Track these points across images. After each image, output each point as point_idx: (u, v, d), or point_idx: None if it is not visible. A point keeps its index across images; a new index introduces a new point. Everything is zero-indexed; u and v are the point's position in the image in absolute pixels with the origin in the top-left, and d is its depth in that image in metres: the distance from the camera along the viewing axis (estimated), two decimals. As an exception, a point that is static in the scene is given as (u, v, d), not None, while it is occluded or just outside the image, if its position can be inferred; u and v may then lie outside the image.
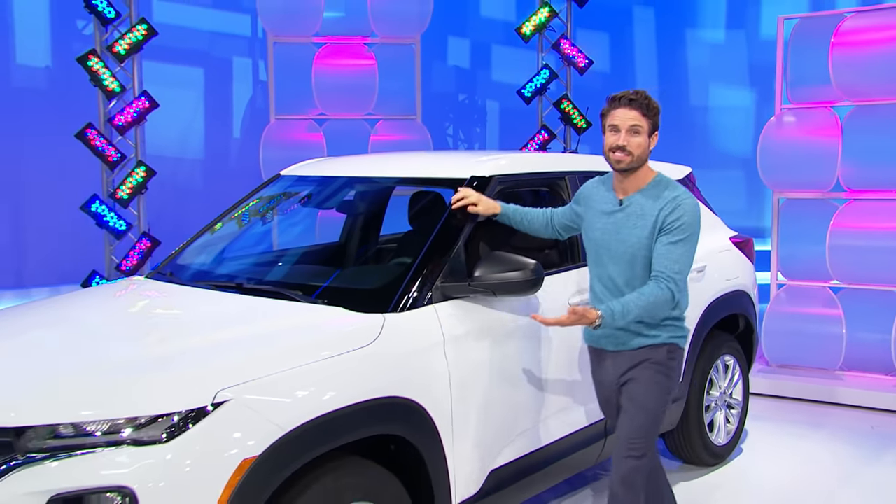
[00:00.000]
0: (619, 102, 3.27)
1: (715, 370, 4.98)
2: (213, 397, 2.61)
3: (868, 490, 4.77)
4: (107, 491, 2.48)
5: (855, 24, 6.20)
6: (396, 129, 8.11)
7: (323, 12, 7.81)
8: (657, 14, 12.74)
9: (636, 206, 3.31)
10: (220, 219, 4.42)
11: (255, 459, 2.62)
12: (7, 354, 3.08)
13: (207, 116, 10.53)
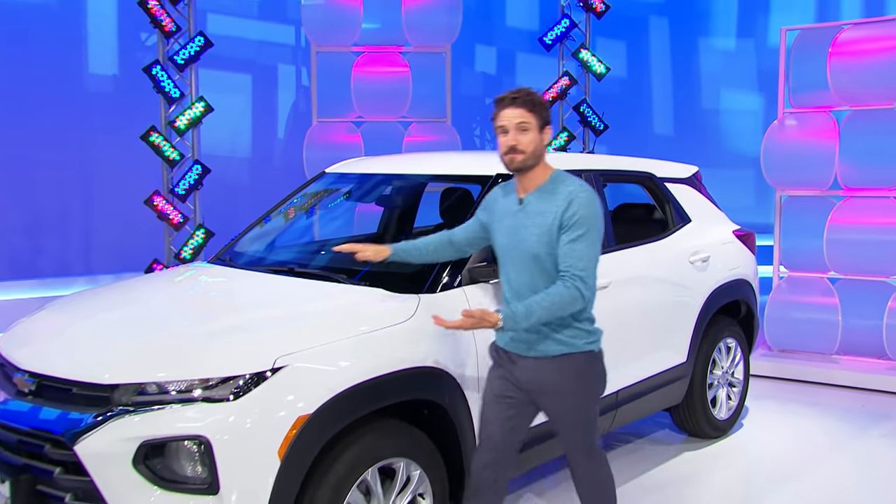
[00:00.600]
0: (504, 103, 3.01)
1: (718, 351, 5.08)
2: (272, 363, 2.82)
3: (854, 461, 4.87)
4: (185, 439, 2.70)
5: (851, 36, 6.25)
6: (428, 130, 8.10)
7: (361, 23, 7.84)
8: (671, 23, 12.66)
9: (534, 204, 3.02)
10: (272, 211, 4.56)
11: (309, 417, 2.81)
12: (99, 326, 3.29)
13: (255, 119, 10.56)
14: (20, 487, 2.90)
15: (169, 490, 2.71)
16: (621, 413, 4.36)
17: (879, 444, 5.12)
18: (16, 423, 2.94)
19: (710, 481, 4.58)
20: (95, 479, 2.73)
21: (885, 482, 4.54)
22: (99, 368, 2.87)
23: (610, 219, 4.50)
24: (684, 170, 5.33)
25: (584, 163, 4.56)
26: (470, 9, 11.73)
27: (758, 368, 6.52)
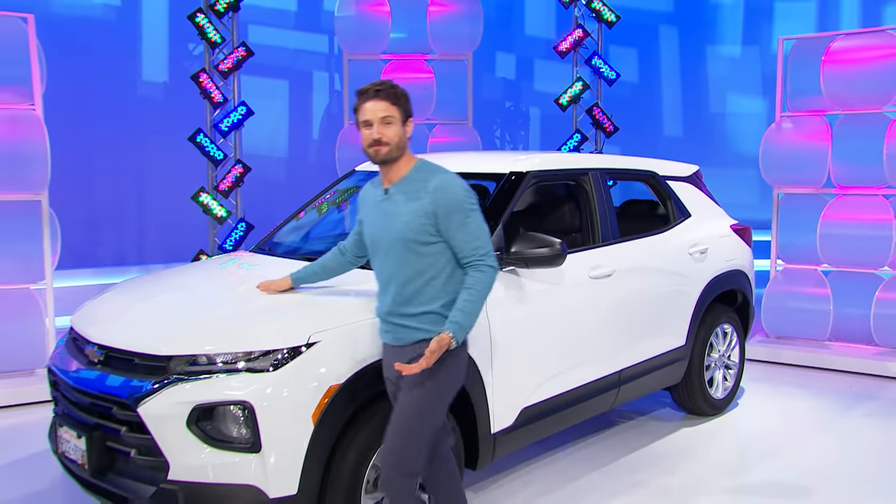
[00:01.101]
0: (367, 96, 2.86)
1: (715, 336, 5.16)
2: (306, 339, 2.98)
3: (838, 437, 4.96)
4: (232, 404, 2.87)
5: (843, 45, 6.29)
6: (451, 132, 8.11)
7: (389, 33, 7.88)
8: (680, 32, 12.64)
9: (400, 193, 2.89)
10: (307, 206, 4.67)
11: (339, 387, 2.98)
12: (156, 306, 3.48)
13: (291, 121, 10.60)
14: (93, 443, 3.10)
15: (217, 448, 2.88)
16: (623, 390, 4.48)
17: (862, 423, 5.20)
18: (88, 388, 3.14)
19: (705, 454, 4.68)
20: (155, 437, 2.91)
21: (866, 456, 4.63)
22: (157, 342, 3.06)
23: (615, 214, 4.59)
24: (685, 169, 5.41)
25: (592, 162, 4.65)
26: (491, 18, 11.78)
27: (755, 353, 6.62)
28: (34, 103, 5.75)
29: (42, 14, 9.10)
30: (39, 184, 5.73)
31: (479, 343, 3.50)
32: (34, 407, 5.38)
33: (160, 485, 2.92)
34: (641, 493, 4.09)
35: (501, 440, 3.71)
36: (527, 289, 3.80)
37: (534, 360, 3.85)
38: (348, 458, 3.06)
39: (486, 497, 4.01)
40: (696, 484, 4.22)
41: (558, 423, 4.10)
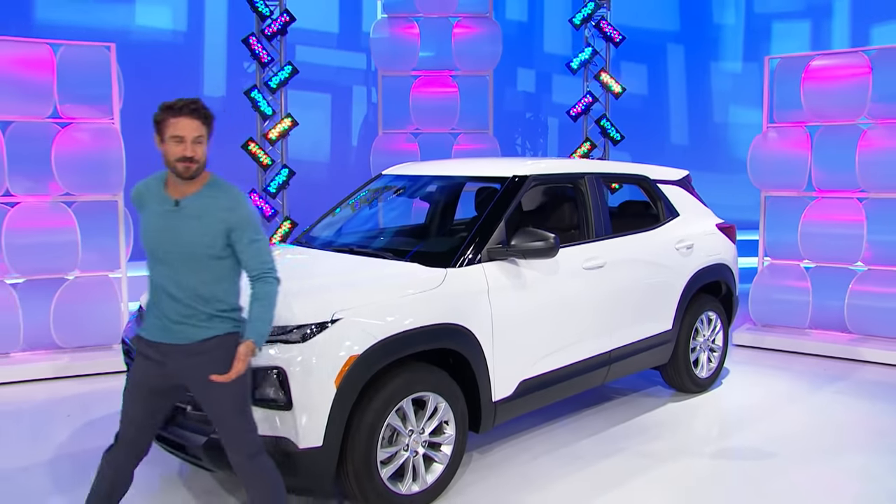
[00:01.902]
0: (181, 112, 2.67)
1: (700, 322, 5.26)
2: (331, 316, 3.22)
3: (809, 410, 5.07)
4: (269, 369, 3.12)
5: (820, 64, 6.35)
6: (473, 140, 8.22)
7: (419, 52, 8.06)
8: (686, 49, 12.65)
9: (193, 207, 2.74)
10: (339, 205, 4.90)
11: (358, 356, 3.20)
12: None
13: (333, 130, 10.77)
14: None
15: (258, 406, 3.12)
16: (614, 368, 4.63)
17: (831, 399, 5.30)
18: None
19: (687, 425, 4.80)
20: (206, 397, 3.16)
21: (828, 427, 4.77)
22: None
23: (609, 212, 4.75)
24: (676, 173, 5.53)
25: (588, 167, 4.79)
26: (513, 38, 11.98)
27: (742, 339, 6.71)
28: (113, 118, 6.08)
29: (123, 40, 9.49)
30: (116, 186, 6.07)
31: (482, 323, 3.70)
32: (111, 376, 5.74)
33: (210, 435, 3.17)
34: (626, 455, 4.26)
35: (501, 408, 3.90)
36: (525, 277, 3.98)
37: (531, 338, 4.01)
38: (366, 418, 3.29)
39: (490, 458, 4.21)
40: (677, 449, 4.37)
41: (554, 394, 4.26)
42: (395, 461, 3.45)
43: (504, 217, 4.03)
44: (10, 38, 5.98)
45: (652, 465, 4.14)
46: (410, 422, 3.48)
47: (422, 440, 3.54)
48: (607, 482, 3.91)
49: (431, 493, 3.60)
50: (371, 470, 3.32)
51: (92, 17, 9.31)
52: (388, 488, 3.41)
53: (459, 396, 3.66)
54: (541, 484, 3.88)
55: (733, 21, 12.69)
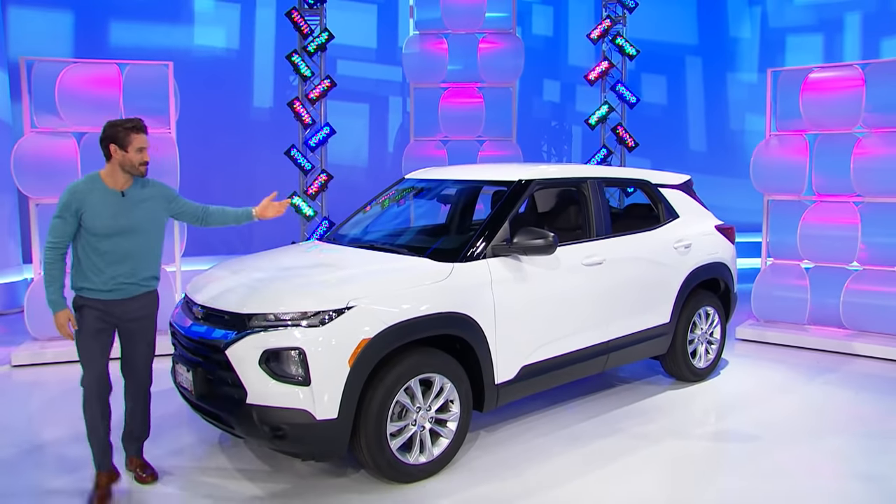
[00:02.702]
0: (142, 130, 3.49)
1: (698, 316, 5.30)
2: (346, 303, 3.39)
3: (798, 398, 5.09)
4: (291, 349, 3.30)
5: (818, 76, 6.31)
6: (497, 147, 8.32)
7: (447, 66, 8.22)
8: (704, 62, 12.49)
9: (136, 195, 3.51)
10: (365, 206, 5.07)
11: (369, 340, 3.37)
12: (244, 278, 3.89)
13: (371, 137, 10.93)
14: (197, 375, 3.60)
15: (280, 381, 3.33)
16: (613, 357, 4.71)
17: (820, 388, 5.31)
18: (194, 337, 3.65)
19: (682, 410, 4.85)
20: (238, 372, 3.38)
21: (814, 412, 4.80)
22: (241, 303, 3.52)
23: (610, 213, 4.83)
24: (677, 178, 5.57)
25: (591, 172, 4.88)
26: (539, 51, 12.04)
27: (744, 334, 6.70)
28: (170, 128, 6.40)
29: (183, 57, 9.90)
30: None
31: (485, 313, 3.84)
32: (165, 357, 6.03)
33: (241, 406, 3.39)
34: (622, 436, 4.36)
35: (504, 390, 4.03)
36: (527, 272, 4.10)
37: (532, 328, 4.12)
38: (377, 395, 3.47)
39: (496, 436, 4.36)
40: (670, 431, 4.44)
41: (554, 379, 4.37)
42: (403, 434, 3.62)
43: (509, 217, 4.15)
44: (84, 60, 6.36)
45: (645, 444, 4.23)
46: (418, 399, 3.64)
47: (429, 416, 3.71)
48: (601, 458, 4.02)
49: (437, 464, 3.77)
50: (382, 441, 3.50)
51: (156, 39, 9.70)
52: (397, 458, 3.58)
53: (464, 378, 3.81)
54: (540, 459, 4.01)
55: (749, 35, 12.52)
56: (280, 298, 3.49)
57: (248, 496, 3.58)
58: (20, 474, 3.86)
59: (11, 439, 4.32)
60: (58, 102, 6.00)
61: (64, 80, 6.02)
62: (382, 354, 3.45)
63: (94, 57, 6.79)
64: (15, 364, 5.85)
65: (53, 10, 9.19)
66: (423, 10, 8.40)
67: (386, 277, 3.71)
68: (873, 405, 4.92)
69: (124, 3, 9.57)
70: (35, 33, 8.97)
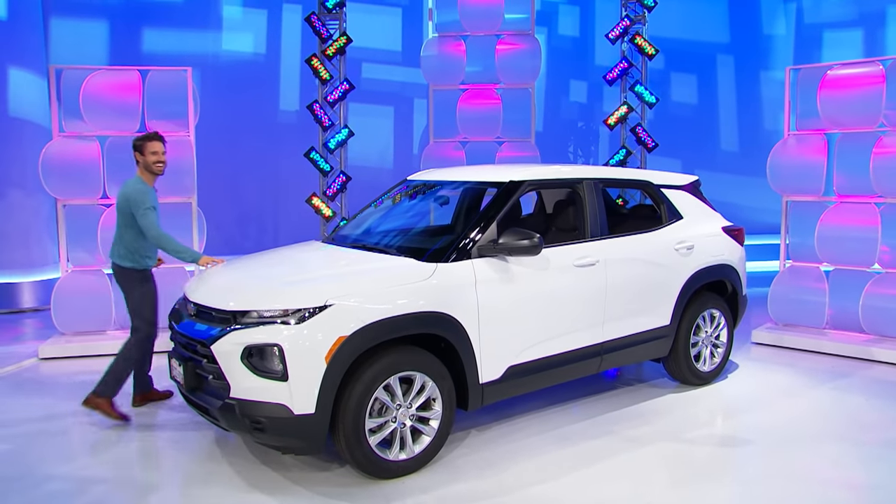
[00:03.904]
0: (153, 139, 4.64)
1: (702, 319, 5.22)
2: (325, 301, 3.47)
3: (802, 402, 4.98)
4: (269, 346, 3.40)
5: (836, 74, 6.13)
6: (516, 148, 8.27)
7: (465, 67, 8.22)
8: (736, 60, 12.27)
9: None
10: (367, 207, 5.15)
11: (346, 338, 3.44)
12: (234, 276, 4.04)
13: (396, 139, 11.05)
14: (188, 369, 3.76)
15: (260, 376, 3.44)
16: (607, 359, 4.68)
17: (829, 394, 5.17)
18: (185, 333, 3.80)
19: (679, 413, 4.78)
20: (222, 367, 3.51)
21: (818, 418, 4.68)
22: (226, 301, 3.65)
23: (605, 214, 4.78)
24: (682, 179, 5.49)
25: (586, 173, 4.84)
26: (567, 52, 11.99)
27: (761, 338, 6.57)
28: (189, 131, 6.62)
29: (212, 63, 10.20)
30: (189, 190, 6.59)
31: (468, 313, 3.87)
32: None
33: (225, 400, 3.52)
34: (612, 438, 4.33)
35: (489, 389, 4.05)
36: (514, 272, 4.10)
37: (518, 328, 4.13)
38: (356, 391, 3.53)
39: (486, 435, 4.38)
40: (661, 434, 4.39)
41: (544, 380, 4.36)
42: (383, 431, 3.68)
43: (496, 218, 4.17)
44: (107, 67, 6.63)
45: (634, 447, 4.20)
46: (398, 397, 3.69)
47: (409, 414, 3.76)
48: (586, 460, 4.01)
49: (419, 461, 3.81)
50: (360, 437, 3.57)
51: (187, 45, 10.03)
52: (376, 454, 3.64)
53: (446, 377, 3.84)
54: (524, 458, 4.02)
55: (784, 32, 12.19)
56: (263, 296, 3.60)
57: (232, 485, 3.70)
58: (23, 460, 4.07)
59: (23, 428, 4.55)
60: (82, 108, 6.28)
61: (88, 86, 6.30)
62: (360, 351, 3.51)
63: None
64: (42, 357, 6.15)
65: (91, 19, 9.60)
66: (443, 12, 8.43)
67: (368, 277, 3.77)
68: (881, 413, 4.77)
69: (157, 11, 9.92)
70: (74, 42, 9.40)
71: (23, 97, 8.13)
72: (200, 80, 10.04)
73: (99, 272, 6.54)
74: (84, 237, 6.38)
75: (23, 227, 8.23)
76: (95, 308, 6.47)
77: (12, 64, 8.11)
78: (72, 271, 6.48)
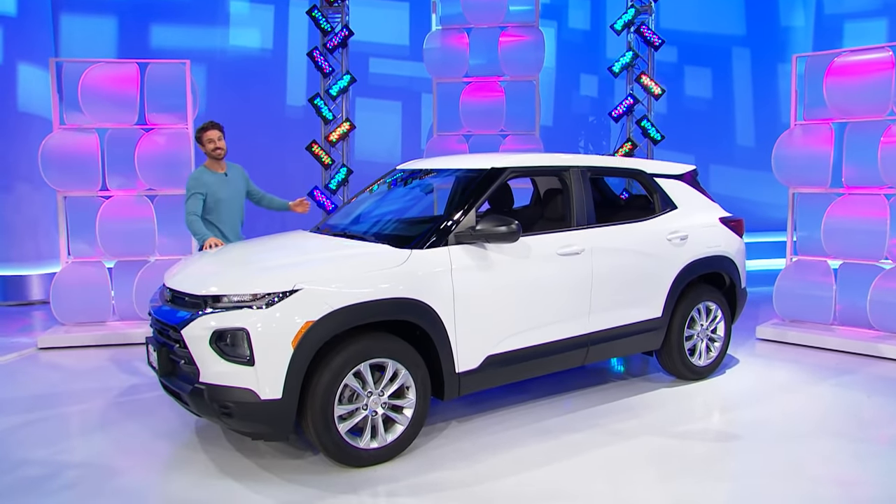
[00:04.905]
0: (208, 128, 5.09)
1: (696, 311, 5.09)
2: (292, 286, 3.45)
3: (799, 398, 4.82)
4: (236, 330, 3.39)
5: (843, 62, 5.95)
6: (520, 141, 8.18)
7: (469, 60, 8.18)
8: (752, 52, 12.00)
9: (230, 175, 5.20)
10: (359, 194, 5.11)
11: (313, 322, 3.42)
12: (209, 263, 4.05)
13: (403, 133, 11.00)
14: (162, 355, 3.77)
15: (228, 361, 3.42)
16: (593, 350, 4.59)
17: (829, 390, 5.01)
18: (159, 318, 3.80)
19: (670, 407, 4.66)
20: (191, 352, 3.50)
21: (814, 414, 4.53)
22: (199, 286, 3.65)
23: (593, 203, 4.67)
24: (678, 168, 5.36)
25: (573, 161, 4.73)
26: (577, 45, 11.86)
27: (765, 334, 6.41)
28: (187, 124, 6.66)
29: (220, 57, 10.27)
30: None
31: (443, 300, 3.82)
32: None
33: (195, 384, 3.52)
34: (596, 431, 4.24)
35: (466, 379, 3.99)
36: (493, 260, 4.04)
37: (497, 317, 4.06)
38: (324, 377, 3.51)
39: (466, 426, 4.33)
40: (647, 428, 4.29)
41: (525, 371, 4.29)
42: (353, 418, 3.64)
43: (476, 205, 4.12)
44: (106, 60, 6.71)
45: (616, 441, 4.10)
46: (369, 384, 3.65)
47: (381, 402, 3.72)
48: (565, 453, 3.92)
49: (391, 450, 3.77)
50: (328, 423, 3.54)
51: (194, 41, 10.11)
52: (346, 441, 3.61)
53: (420, 365, 3.79)
54: (502, 450, 3.95)
55: (802, 23, 11.89)
56: (233, 281, 3.60)
57: (204, 472, 3.69)
58: (2, 445, 4.11)
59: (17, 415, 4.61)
60: (81, 100, 6.35)
61: (87, 79, 6.37)
62: (328, 337, 3.49)
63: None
64: (41, 347, 6.24)
65: (100, 15, 9.74)
66: (447, 5, 8.41)
67: (339, 263, 3.75)
68: (880, 409, 4.61)
69: (165, 7, 10.03)
70: (84, 38, 9.54)
71: (31, 92, 8.27)
72: (207, 76, 10.12)
73: (99, 263, 6.61)
74: (85, 229, 6.46)
75: (31, 220, 8.38)
76: (95, 299, 6.55)
77: (21, 59, 8.26)
78: (72, 262, 6.56)
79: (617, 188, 7.89)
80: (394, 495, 3.44)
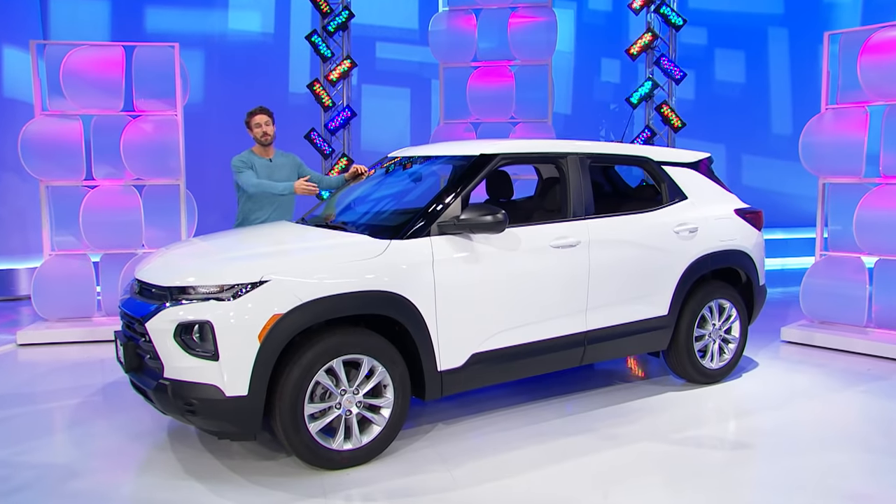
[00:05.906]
0: (255, 113, 5.48)
1: (707, 310, 5.01)
2: (259, 278, 3.47)
3: (819, 405, 4.71)
4: (200, 323, 3.41)
5: (881, 38, 5.79)
6: (531, 129, 8.17)
7: (477, 44, 8.19)
8: (791, 32, 11.78)
9: (278, 160, 5.55)
10: (343, 188, 5.16)
11: (280, 316, 3.43)
12: (178, 254, 4.07)
13: (413, 120, 11.02)
14: (128, 349, 3.81)
15: (192, 355, 3.45)
16: (591, 350, 4.54)
17: (854, 398, 4.89)
18: (126, 311, 3.84)
19: (674, 411, 4.58)
20: (156, 346, 3.53)
21: (835, 423, 4.42)
22: (164, 277, 3.68)
23: (592, 193, 4.62)
24: (689, 156, 5.29)
25: (575, 147, 4.68)
26: (599, 28, 11.77)
27: (791, 336, 6.31)
28: (176, 111, 6.74)
29: (220, 42, 10.37)
30: (176, 171, 6.72)
31: (424, 294, 3.81)
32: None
33: (159, 380, 3.55)
34: (589, 436, 4.20)
35: (449, 378, 3.97)
36: (479, 252, 4.02)
37: (484, 312, 4.04)
38: (293, 374, 3.52)
39: (453, 428, 4.32)
40: (646, 434, 4.23)
41: (515, 371, 4.26)
42: (325, 417, 3.65)
43: (462, 193, 4.10)
44: (90, 43, 6.80)
45: (609, 447, 4.05)
46: (342, 382, 3.66)
47: (356, 401, 3.72)
48: (552, 458, 3.89)
49: (367, 452, 3.77)
50: (297, 423, 3.55)
51: (192, 24, 10.24)
52: (317, 442, 3.62)
53: (399, 362, 3.79)
54: (486, 454, 3.93)
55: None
56: (200, 272, 3.62)
57: (168, 472, 3.73)
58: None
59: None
60: (63, 85, 6.46)
61: (69, 63, 6.48)
62: (298, 331, 3.50)
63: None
64: (20, 343, 6.37)
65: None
66: (455, -14, 8.42)
67: (311, 254, 3.76)
68: (908, 418, 4.49)
69: (161, -11, 10.17)
70: (75, 20, 9.70)
71: (17, 77, 8.43)
72: (206, 61, 10.24)
73: (83, 256, 6.72)
74: (70, 220, 6.56)
75: (18, 211, 8.56)
76: (79, 293, 6.66)
77: (6, 42, 8.42)
78: (55, 255, 6.67)
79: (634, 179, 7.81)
80: (367, 500, 3.44)
